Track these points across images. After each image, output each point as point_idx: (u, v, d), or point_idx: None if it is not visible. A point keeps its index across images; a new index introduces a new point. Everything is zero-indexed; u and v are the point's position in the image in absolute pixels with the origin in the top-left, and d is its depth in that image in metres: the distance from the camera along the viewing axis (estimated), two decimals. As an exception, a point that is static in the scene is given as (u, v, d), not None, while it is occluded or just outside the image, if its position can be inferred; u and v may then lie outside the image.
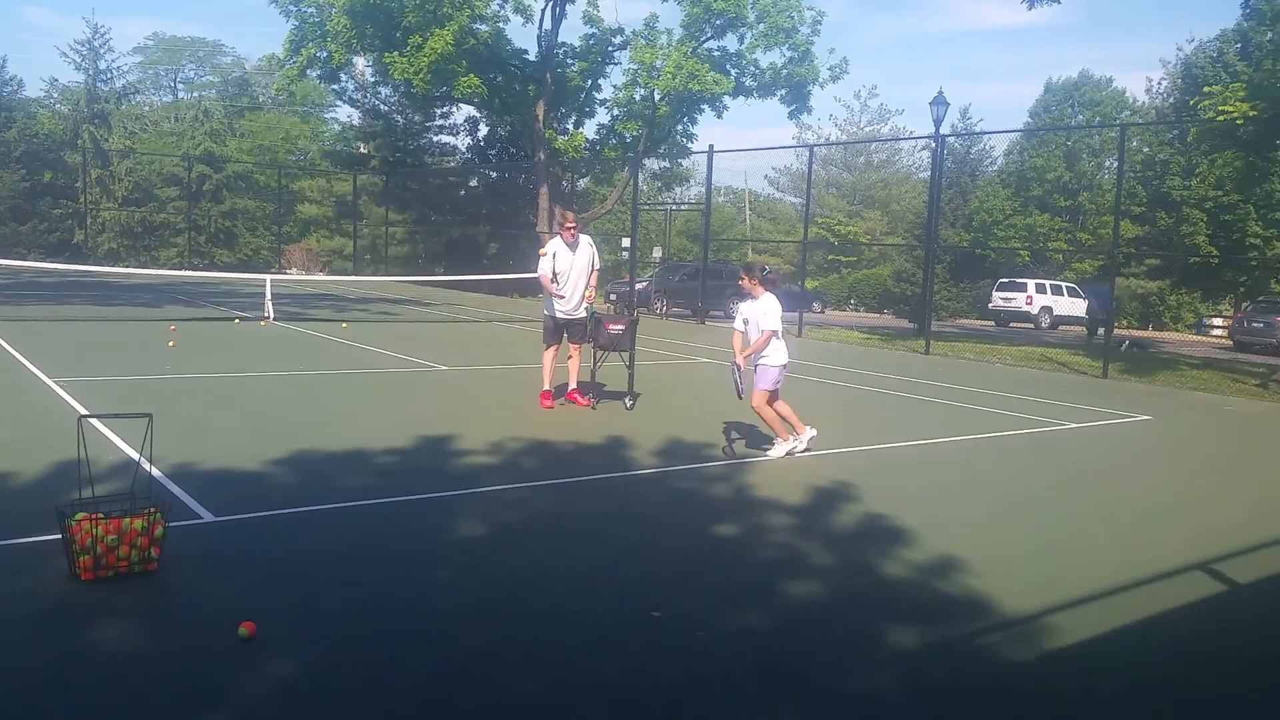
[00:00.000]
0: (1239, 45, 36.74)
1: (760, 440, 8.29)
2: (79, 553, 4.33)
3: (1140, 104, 43.51)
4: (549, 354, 10.15)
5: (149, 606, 4.24)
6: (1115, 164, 27.57)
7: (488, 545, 5.35)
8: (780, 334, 7.80)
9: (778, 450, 7.93)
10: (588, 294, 10.11)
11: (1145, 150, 40.55)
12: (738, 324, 8.04)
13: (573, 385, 10.18)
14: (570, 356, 10.22)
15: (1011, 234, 40.73)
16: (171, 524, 4.74)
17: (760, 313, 7.77)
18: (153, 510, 4.52)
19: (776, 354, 7.79)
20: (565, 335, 10.18)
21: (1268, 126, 13.73)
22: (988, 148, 46.50)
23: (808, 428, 8.03)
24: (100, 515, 4.38)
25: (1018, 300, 33.33)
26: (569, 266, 9.97)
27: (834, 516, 6.21)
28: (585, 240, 10.14)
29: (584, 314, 10.08)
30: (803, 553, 5.42)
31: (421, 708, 3.44)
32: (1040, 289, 33.69)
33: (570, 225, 10.08)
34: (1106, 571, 5.27)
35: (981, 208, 42.05)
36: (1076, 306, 34.07)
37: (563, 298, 10.03)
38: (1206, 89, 15.35)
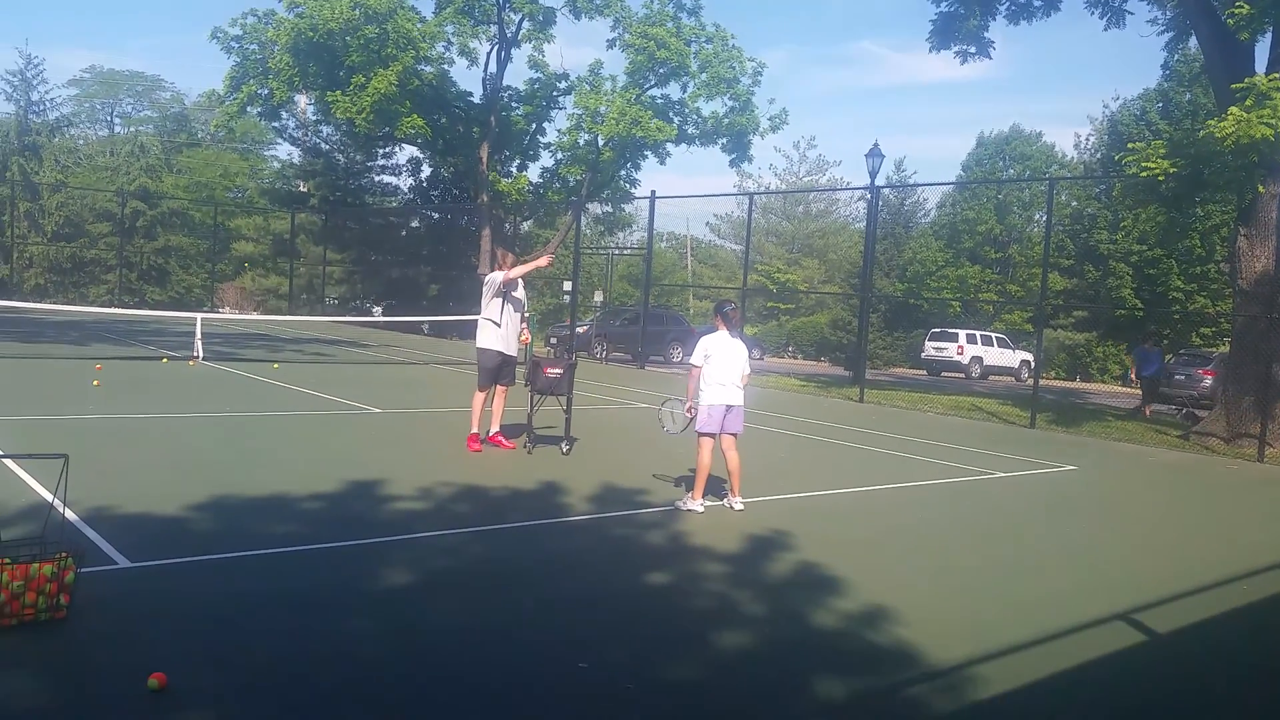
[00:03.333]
0: (1160, 104, 38.32)
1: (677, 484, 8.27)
2: (-19, 601, 4.15)
3: (1069, 159, 45.01)
4: (480, 397, 9.89)
5: (54, 657, 4.07)
6: (1044, 217, 28.44)
7: (415, 594, 5.24)
8: (710, 370, 7.53)
9: (682, 504, 7.57)
10: (523, 337, 10.07)
11: (1073, 204, 41.88)
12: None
13: (495, 428, 10.04)
14: (496, 398, 10.07)
15: (944, 285, 41.64)
16: (84, 570, 4.58)
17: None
18: (64, 555, 4.35)
19: (705, 392, 7.57)
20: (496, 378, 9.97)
21: (1186, 183, 14.15)
22: (921, 199, 47.67)
23: (701, 499, 7.58)
24: (7, 560, 4.21)
25: (949, 350, 34.02)
26: (506, 300, 9.91)
27: (767, 565, 6.21)
28: (520, 282, 10.10)
29: (516, 354, 9.98)
30: (735, 602, 5.40)
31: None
32: (971, 339, 34.43)
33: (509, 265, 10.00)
34: (1032, 622, 5.34)
35: (915, 258, 42.97)
36: (1005, 357, 34.84)
37: (500, 326, 9.81)
38: (1130, 145, 15.82)
